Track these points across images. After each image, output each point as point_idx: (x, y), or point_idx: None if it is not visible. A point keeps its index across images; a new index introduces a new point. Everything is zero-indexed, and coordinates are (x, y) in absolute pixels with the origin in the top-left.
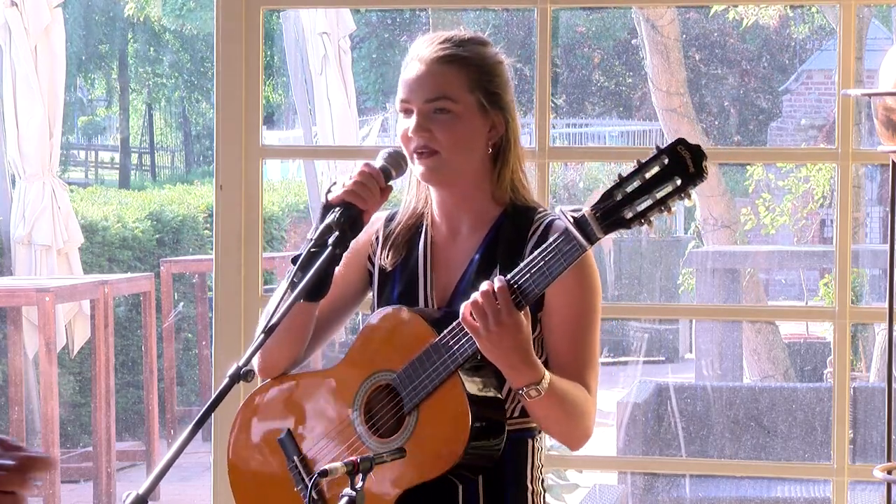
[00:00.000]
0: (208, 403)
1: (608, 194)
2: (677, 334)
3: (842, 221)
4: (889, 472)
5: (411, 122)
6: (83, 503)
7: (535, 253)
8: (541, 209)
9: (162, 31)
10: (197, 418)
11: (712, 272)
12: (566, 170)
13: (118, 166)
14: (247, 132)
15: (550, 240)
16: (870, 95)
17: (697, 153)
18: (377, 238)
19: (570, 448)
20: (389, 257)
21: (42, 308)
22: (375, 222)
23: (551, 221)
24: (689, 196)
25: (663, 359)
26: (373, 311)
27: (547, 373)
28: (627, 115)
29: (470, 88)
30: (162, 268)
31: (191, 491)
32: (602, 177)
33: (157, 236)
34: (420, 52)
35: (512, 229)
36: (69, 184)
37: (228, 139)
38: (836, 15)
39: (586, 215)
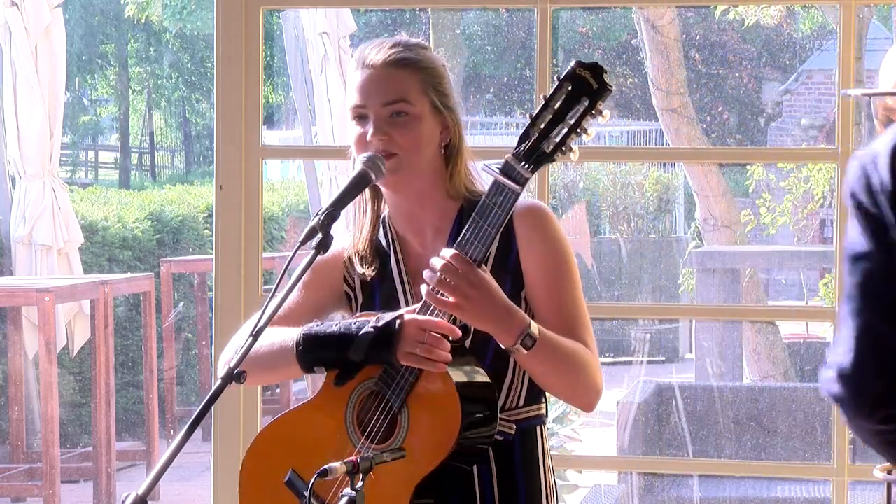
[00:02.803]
0: (201, 405)
1: (524, 136)
2: (678, 334)
3: (842, 221)
4: (889, 472)
5: (368, 126)
6: (83, 503)
7: (472, 217)
8: None
9: (162, 31)
10: (191, 420)
11: (712, 272)
12: (566, 170)
13: (118, 166)
14: (247, 132)
15: (482, 199)
16: (870, 95)
17: (596, 69)
18: (347, 258)
19: (583, 409)
20: (367, 267)
21: (42, 308)
22: (339, 251)
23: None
24: (600, 113)
25: (663, 359)
26: None
27: (532, 321)
28: (627, 115)
29: (423, 90)
30: (162, 268)
31: (191, 491)
32: (602, 177)
33: (157, 236)
34: (370, 57)
35: None
36: (70, 184)
37: (228, 139)
38: (837, 15)
39: (509, 161)
